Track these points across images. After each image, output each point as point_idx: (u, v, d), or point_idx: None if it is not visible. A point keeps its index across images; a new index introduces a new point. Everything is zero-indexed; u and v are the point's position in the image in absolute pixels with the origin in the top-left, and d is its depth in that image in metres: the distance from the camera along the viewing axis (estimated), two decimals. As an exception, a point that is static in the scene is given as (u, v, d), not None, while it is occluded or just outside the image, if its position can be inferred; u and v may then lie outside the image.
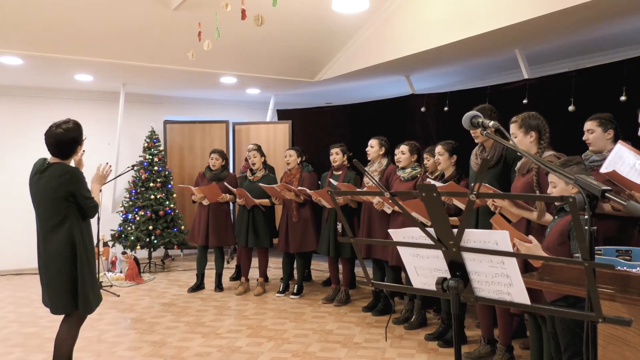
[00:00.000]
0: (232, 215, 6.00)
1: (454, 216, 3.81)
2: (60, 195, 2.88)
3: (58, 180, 2.87)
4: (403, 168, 4.39)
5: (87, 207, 2.95)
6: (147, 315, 4.81)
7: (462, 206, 3.62)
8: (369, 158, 4.77)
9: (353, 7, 4.82)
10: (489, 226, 3.21)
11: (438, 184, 3.71)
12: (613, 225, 2.74)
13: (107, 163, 3.31)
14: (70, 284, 2.90)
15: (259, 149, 5.54)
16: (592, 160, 2.99)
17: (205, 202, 5.56)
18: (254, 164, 5.47)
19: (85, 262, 2.94)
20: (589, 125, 3.05)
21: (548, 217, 2.82)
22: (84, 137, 3.04)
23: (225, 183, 5.43)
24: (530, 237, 2.44)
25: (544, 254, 2.35)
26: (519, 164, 3.08)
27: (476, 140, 3.46)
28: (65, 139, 2.92)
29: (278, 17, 4.99)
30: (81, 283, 2.91)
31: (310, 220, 5.25)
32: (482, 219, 3.33)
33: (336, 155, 5.05)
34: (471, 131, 3.35)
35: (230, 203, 5.70)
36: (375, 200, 4.38)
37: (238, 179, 5.75)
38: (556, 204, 2.57)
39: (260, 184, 5.26)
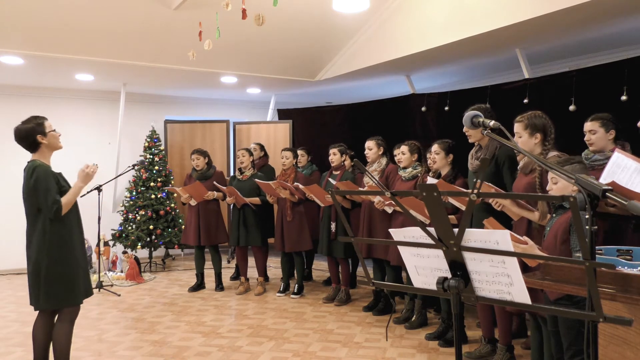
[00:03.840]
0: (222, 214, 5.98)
1: (449, 215, 3.80)
2: (27, 192, 2.97)
3: (26, 177, 3.00)
4: (404, 168, 4.40)
5: (43, 207, 2.91)
6: (147, 315, 4.81)
7: (457, 204, 3.62)
8: (368, 160, 4.76)
9: (353, 6, 4.81)
10: (480, 221, 3.21)
11: (433, 180, 3.71)
12: (608, 223, 2.73)
13: (95, 163, 3.24)
14: (37, 279, 2.93)
15: (247, 149, 5.60)
16: (595, 159, 2.97)
17: (193, 202, 5.58)
18: (242, 163, 5.49)
19: (53, 259, 2.92)
20: (590, 125, 3.03)
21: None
22: (48, 129, 3.09)
23: (215, 182, 5.45)
24: (525, 237, 2.44)
25: (540, 254, 2.35)
26: (521, 163, 3.06)
27: (470, 140, 3.45)
28: (19, 133, 3.11)
29: (278, 16, 4.99)
30: (44, 279, 2.91)
31: (305, 220, 5.25)
32: (475, 215, 3.34)
33: (334, 156, 5.06)
34: (465, 131, 3.34)
35: (220, 201, 5.72)
36: (377, 199, 4.38)
37: (227, 179, 5.77)
38: (554, 202, 2.56)
39: (256, 179, 5.29)
